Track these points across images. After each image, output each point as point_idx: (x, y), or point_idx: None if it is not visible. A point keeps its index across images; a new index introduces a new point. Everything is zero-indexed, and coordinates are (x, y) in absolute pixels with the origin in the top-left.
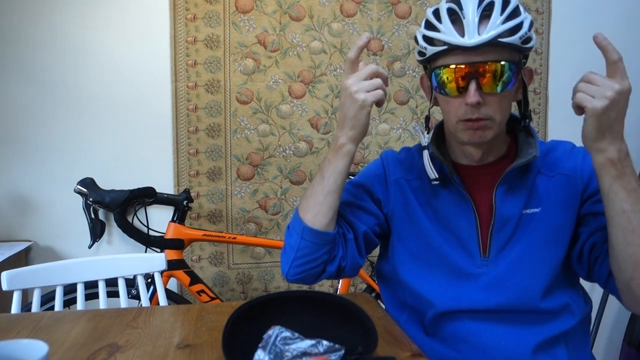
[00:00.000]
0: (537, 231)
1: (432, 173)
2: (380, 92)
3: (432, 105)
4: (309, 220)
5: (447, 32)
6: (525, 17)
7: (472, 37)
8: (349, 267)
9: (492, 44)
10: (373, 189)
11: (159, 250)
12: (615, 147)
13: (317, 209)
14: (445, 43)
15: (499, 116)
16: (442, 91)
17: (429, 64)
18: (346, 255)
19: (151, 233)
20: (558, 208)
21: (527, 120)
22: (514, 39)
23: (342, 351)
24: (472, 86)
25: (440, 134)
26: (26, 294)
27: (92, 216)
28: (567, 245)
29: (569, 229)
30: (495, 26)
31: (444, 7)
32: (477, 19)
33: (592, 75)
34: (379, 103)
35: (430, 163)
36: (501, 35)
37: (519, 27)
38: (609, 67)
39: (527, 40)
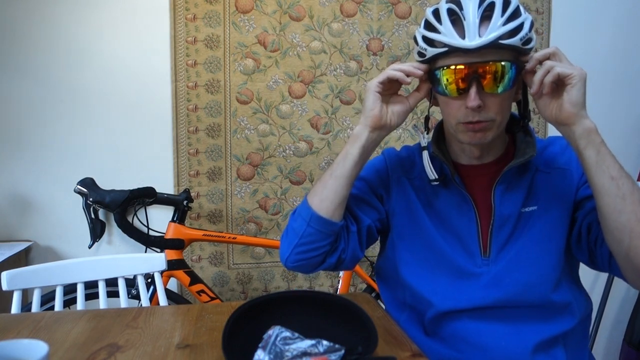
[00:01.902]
0: (536, 228)
1: (431, 174)
2: (385, 72)
3: (432, 105)
4: (316, 206)
5: (447, 34)
6: (525, 18)
7: (473, 39)
8: (349, 259)
9: (493, 46)
10: (375, 184)
11: (159, 250)
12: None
13: (324, 194)
14: (445, 45)
15: (500, 117)
16: (443, 92)
17: (428, 64)
18: (347, 248)
19: (151, 233)
20: (554, 203)
21: (527, 120)
22: (514, 40)
23: (342, 351)
24: (473, 89)
25: (440, 133)
26: (26, 294)
27: (92, 216)
28: (566, 235)
29: (567, 220)
30: (496, 28)
31: (443, 7)
32: (477, 20)
33: (554, 60)
34: (391, 86)
35: (430, 164)
36: (502, 37)
37: (519, 28)
38: (554, 59)
39: (528, 41)
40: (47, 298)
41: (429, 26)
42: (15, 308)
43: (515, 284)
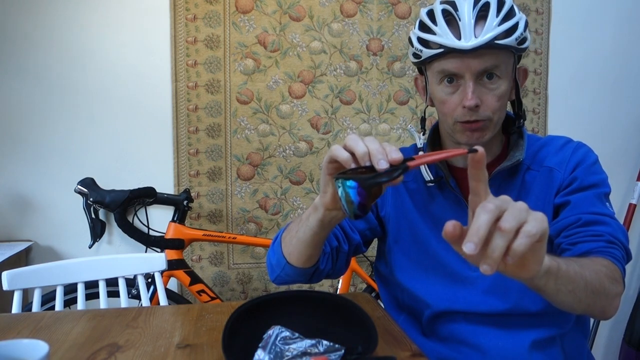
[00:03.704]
0: None
1: (427, 175)
2: (330, 150)
3: (427, 106)
4: (287, 255)
5: (442, 35)
6: (520, 18)
7: (469, 40)
8: (335, 274)
9: (489, 46)
10: None
11: (159, 250)
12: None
13: (293, 247)
14: (441, 46)
15: (496, 116)
16: (439, 93)
17: (423, 65)
18: (334, 267)
19: (151, 233)
20: (540, 202)
21: (522, 121)
22: (510, 40)
23: (342, 351)
24: (470, 88)
25: (435, 135)
26: (27, 294)
27: (93, 216)
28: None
29: (549, 218)
30: (492, 28)
31: (438, 7)
32: (473, 21)
33: (506, 215)
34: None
35: (426, 165)
36: (498, 37)
37: (514, 28)
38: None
39: (523, 40)
40: (48, 298)
41: (423, 27)
42: (15, 308)
43: (514, 291)
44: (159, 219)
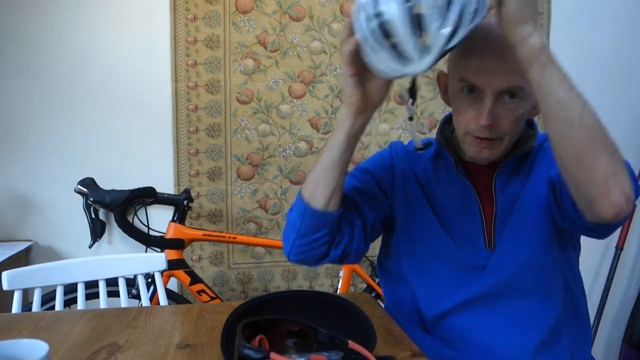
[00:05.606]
0: (534, 213)
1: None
2: (343, 53)
3: (446, 102)
4: (307, 197)
5: None
6: None
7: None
8: (354, 253)
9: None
10: (380, 178)
11: (159, 250)
12: (539, 33)
13: (315, 184)
14: None
15: (509, 137)
16: (456, 101)
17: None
18: (352, 242)
19: (151, 233)
20: (542, 182)
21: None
22: None
23: (342, 352)
24: (487, 107)
25: (448, 125)
26: (27, 294)
27: (93, 216)
28: (551, 208)
29: (551, 195)
30: None
31: None
32: None
33: None
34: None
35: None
36: None
37: None
38: None
39: None
40: (48, 298)
41: None
42: (15, 308)
43: (511, 266)
44: (159, 219)
